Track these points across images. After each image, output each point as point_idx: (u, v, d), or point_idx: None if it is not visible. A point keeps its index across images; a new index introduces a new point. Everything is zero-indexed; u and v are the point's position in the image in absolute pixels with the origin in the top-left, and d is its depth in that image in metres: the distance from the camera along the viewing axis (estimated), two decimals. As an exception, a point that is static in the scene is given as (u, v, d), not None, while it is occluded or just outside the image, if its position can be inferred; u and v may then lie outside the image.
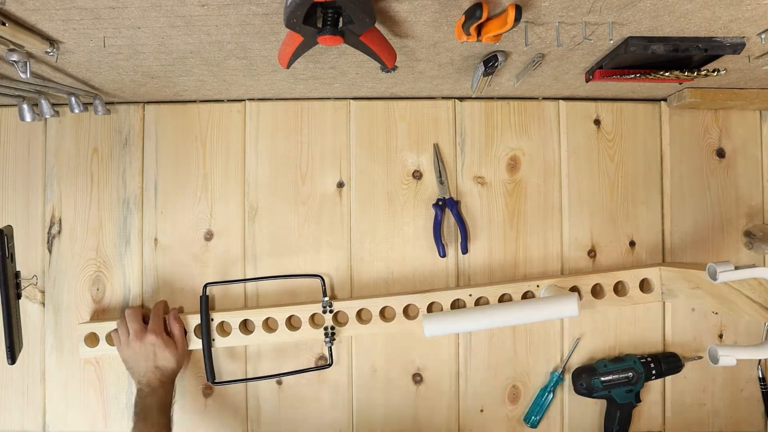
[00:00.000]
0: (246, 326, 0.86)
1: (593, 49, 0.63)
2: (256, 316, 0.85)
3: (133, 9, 0.51)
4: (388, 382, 0.88)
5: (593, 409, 0.89)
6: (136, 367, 0.80)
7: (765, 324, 0.88)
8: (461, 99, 0.90)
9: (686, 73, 0.64)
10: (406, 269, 0.89)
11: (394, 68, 0.71)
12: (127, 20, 0.53)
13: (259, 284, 0.89)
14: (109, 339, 0.84)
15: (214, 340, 0.84)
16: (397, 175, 0.89)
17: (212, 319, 0.84)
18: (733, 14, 0.53)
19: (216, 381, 0.85)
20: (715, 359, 0.59)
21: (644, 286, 0.88)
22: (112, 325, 0.84)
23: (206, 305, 0.84)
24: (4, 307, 0.73)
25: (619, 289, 0.88)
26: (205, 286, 0.84)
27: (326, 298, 0.84)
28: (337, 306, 0.85)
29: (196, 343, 0.85)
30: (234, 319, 0.85)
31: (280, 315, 0.84)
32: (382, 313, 0.86)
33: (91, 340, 0.85)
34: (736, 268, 0.61)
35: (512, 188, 0.90)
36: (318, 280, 0.86)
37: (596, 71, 0.68)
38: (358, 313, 0.86)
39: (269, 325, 0.86)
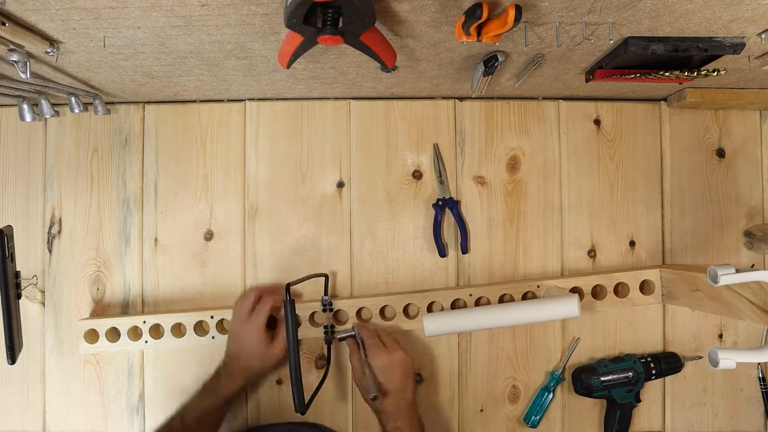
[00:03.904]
0: (246, 326, 0.86)
1: (593, 49, 0.63)
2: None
3: (133, 9, 0.51)
4: (388, 382, 0.88)
5: (593, 409, 0.89)
6: (228, 346, 0.80)
7: (765, 327, 0.88)
8: (461, 99, 0.90)
9: (686, 73, 0.64)
10: (406, 269, 0.89)
11: (394, 68, 0.71)
12: (127, 20, 0.53)
13: (258, 279, 0.88)
14: (108, 335, 0.84)
15: (214, 337, 0.84)
16: (397, 175, 0.89)
17: (212, 317, 0.84)
18: (733, 14, 0.53)
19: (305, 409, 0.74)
20: (715, 362, 0.59)
21: (644, 287, 0.88)
22: (111, 321, 0.84)
23: (293, 313, 0.73)
24: (4, 307, 0.73)
25: (619, 290, 0.88)
26: (288, 287, 0.74)
27: (326, 297, 0.84)
28: (337, 305, 0.85)
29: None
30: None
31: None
32: (382, 313, 0.86)
33: (91, 336, 0.85)
34: (737, 271, 0.61)
35: (512, 188, 0.90)
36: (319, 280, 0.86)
37: (596, 71, 0.68)
38: (358, 312, 0.86)
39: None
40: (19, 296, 0.76)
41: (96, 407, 0.88)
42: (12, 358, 0.75)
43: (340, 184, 0.89)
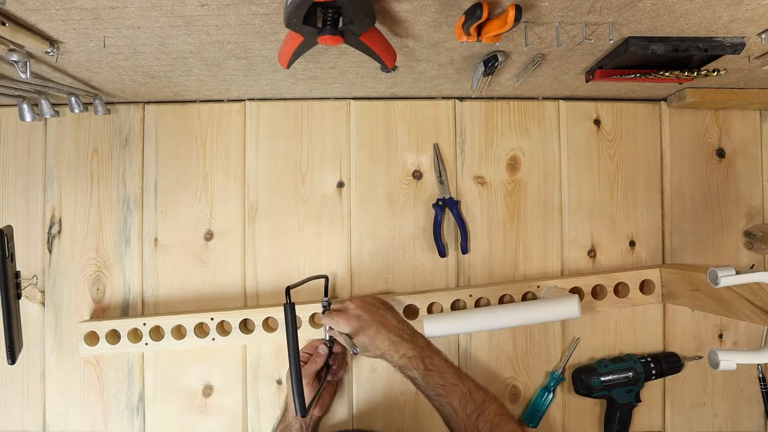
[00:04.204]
0: (246, 326, 0.86)
1: (593, 49, 0.63)
2: (257, 316, 0.85)
3: (133, 9, 0.51)
4: (388, 382, 0.88)
5: (593, 409, 0.89)
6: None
7: (765, 328, 0.88)
8: (461, 99, 0.90)
9: (686, 73, 0.64)
10: (406, 269, 0.89)
11: (394, 68, 0.71)
12: (127, 20, 0.53)
13: (258, 279, 0.89)
14: (108, 338, 0.84)
15: (214, 339, 0.84)
16: (397, 175, 0.89)
17: (212, 319, 0.84)
18: (733, 14, 0.53)
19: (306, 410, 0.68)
20: (715, 364, 0.59)
21: (645, 287, 0.88)
22: (111, 323, 0.84)
23: (293, 316, 0.69)
24: (4, 307, 0.73)
25: (619, 290, 0.88)
26: (288, 290, 0.70)
27: (326, 298, 0.84)
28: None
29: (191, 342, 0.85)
30: (234, 318, 0.85)
31: (281, 315, 0.84)
32: (382, 313, 0.86)
33: (91, 338, 0.85)
34: (737, 272, 0.60)
35: (512, 188, 0.90)
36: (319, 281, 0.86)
37: (596, 71, 0.68)
38: (358, 313, 0.86)
39: (269, 325, 0.86)
40: (19, 296, 0.76)
41: (96, 407, 0.88)
42: (12, 358, 0.75)
43: (340, 184, 0.89)
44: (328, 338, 0.82)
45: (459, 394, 0.71)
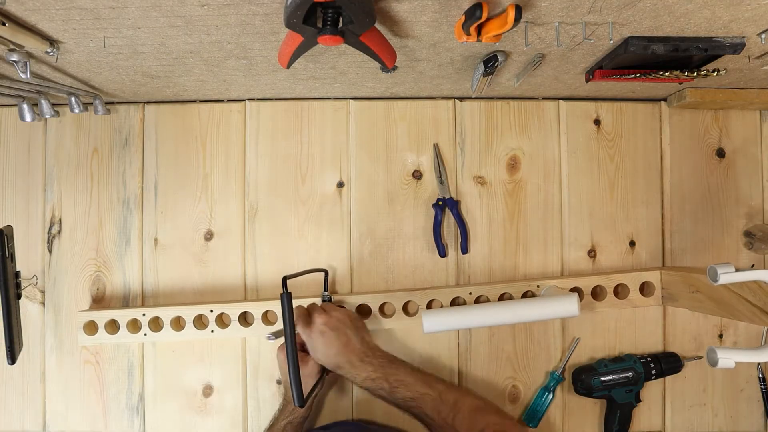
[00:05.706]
0: (245, 319, 0.86)
1: (593, 49, 0.63)
2: (256, 309, 0.85)
3: (133, 9, 0.51)
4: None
5: (593, 409, 0.89)
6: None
7: (765, 328, 0.88)
8: (461, 99, 0.90)
9: (686, 73, 0.64)
10: (406, 269, 0.89)
11: (394, 68, 0.71)
12: (127, 20, 0.53)
13: (258, 279, 0.88)
14: (108, 327, 0.84)
15: (213, 331, 0.84)
16: (397, 175, 0.90)
17: (212, 311, 0.84)
18: (733, 14, 0.53)
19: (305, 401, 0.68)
20: (714, 362, 0.59)
21: (644, 288, 0.88)
22: (111, 313, 0.84)
23: (291, 306, 0.69)
24: (4, 307, 0.73)
25: (619, 291, 0.88)
26: (285, 280, 0.70)
27: (326, 293, 0.84)
28: (336, 300, 0.85)
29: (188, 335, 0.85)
30: (233, 311, 0.85)
31: (280, 308, 0.84)
32: (382, 310, 0.86)
33: (90, 328, 0.84)
34: (737, 270, 0.60)
35: (512, 188, 0.90)
36: (319, 276, 0.86)
37: (596, 71, 0.68)
38: (358, 309, 0.86)
39: (269, 318, 0.86)
40: (19, 296, 0.76)
41: (96, 407, 0.88)
42: (12, 358, 0.75)
43: (340, 184, 0.89)
44: None
45: (430, 401, 0.71)
